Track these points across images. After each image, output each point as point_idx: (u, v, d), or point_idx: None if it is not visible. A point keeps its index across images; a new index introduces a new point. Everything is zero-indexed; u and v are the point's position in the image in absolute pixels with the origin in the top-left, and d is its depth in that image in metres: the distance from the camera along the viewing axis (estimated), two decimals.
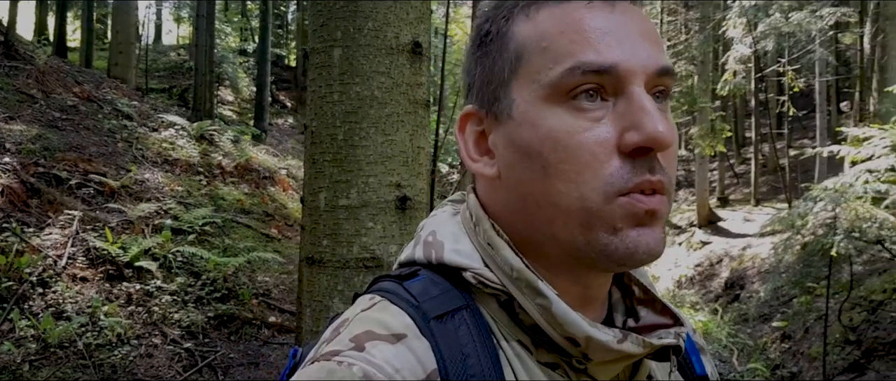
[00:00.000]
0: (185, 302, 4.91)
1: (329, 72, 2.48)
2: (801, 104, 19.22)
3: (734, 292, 13.47)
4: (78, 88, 7.98)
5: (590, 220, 0.65)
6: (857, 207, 6.86)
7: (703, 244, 16.19)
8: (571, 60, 0.64)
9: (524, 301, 0.67)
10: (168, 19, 33.60)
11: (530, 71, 0.67)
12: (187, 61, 23.43)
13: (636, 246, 0.65)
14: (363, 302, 0.70)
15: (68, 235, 5.01)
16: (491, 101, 0.72)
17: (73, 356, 4.09)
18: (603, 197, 0.64)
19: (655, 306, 0.78)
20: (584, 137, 0.64)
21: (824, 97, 16.70)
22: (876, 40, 11.91)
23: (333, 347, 0.63)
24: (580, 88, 0.64)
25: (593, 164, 0.64)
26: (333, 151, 2.45)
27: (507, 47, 0.70)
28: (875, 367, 7.94)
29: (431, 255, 0.73)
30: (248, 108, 21.44)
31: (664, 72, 0.67)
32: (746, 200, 19.02)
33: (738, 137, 24.16)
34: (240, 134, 10.32)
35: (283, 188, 8.30)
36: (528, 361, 0.68)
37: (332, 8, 2.47)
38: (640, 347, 0.67)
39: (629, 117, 0.64)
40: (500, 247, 0.69)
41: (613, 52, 0.64)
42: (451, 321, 0.66)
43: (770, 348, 10.34)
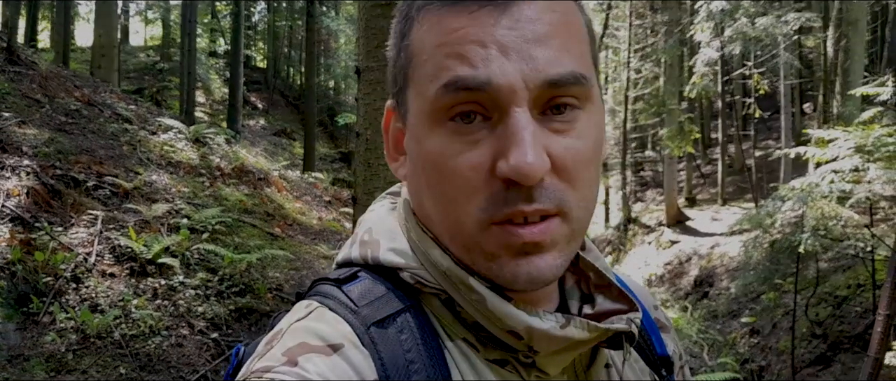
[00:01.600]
0: (206, 296, 5.16)
1: (382, 87, 2.83)
2: (766, 106, 19.60)
3: (703, 289, 13.54)
4: (78, 92, 8.12)
5: (467, 244, 0.63)
6: (823, 206, 6.88)
7: (672, 243, 16.30)
8: (444, 77, 0.60)
9: (460, 298, 0.65)
10: (135, 20, 33.19)
11: (417, 83, 0.64)
12: (158, 62, 23.27)
13: (515, 275, 0.61)
14: (299, 310, 0.67)
15: (93, 234, 5.23)
16: (398, 102, 0.69)
17: (111, 346, 4.34)
18: (476, 224, 0.61)
19: (611, 291, 0.73)
20: (458, 162, 0.60)
21: (789, 99, 16.82)
22: (839, 44, 12.06)
23: (265, 362, 0.59)
24: (456, 107, 0.60)
25: (466, 189, 0.61)
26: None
27: (402, 52, 0.67)
28: (841, 359, 8.09)
29: (368, 254, 0.70)
30: (220, 109, 21.27)
31: (557, 83, 0.60)
32: (713, 199, 19.16)
33: (705, 139, 24.30)
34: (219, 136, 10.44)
35: (277, 189, 8.51)
36: (475, 360, 0.66)
37: (386, 32, 2.77)
38: (585, 331, 0.64)
39: (502, 143, 0.59)
40: (427, 245, 0.66)
41: (490, 66, 0.59)
42: (393, 324, 0.63)
43: (739, 343, 10.48)
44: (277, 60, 30.11)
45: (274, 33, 29.91)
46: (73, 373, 4.07)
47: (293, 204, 8.31)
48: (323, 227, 8.15)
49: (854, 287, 8.70)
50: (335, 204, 10.22)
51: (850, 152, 6.94)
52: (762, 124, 21.65)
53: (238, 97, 16.27)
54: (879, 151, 6.74)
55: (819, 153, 7.34)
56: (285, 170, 10.54)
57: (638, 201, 22.40)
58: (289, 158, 16.91)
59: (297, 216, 7.77)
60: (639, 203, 22.09)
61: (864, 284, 8.39)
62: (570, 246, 0.64)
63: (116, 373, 4.18)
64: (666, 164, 18.15)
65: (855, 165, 6.81)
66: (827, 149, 7.18)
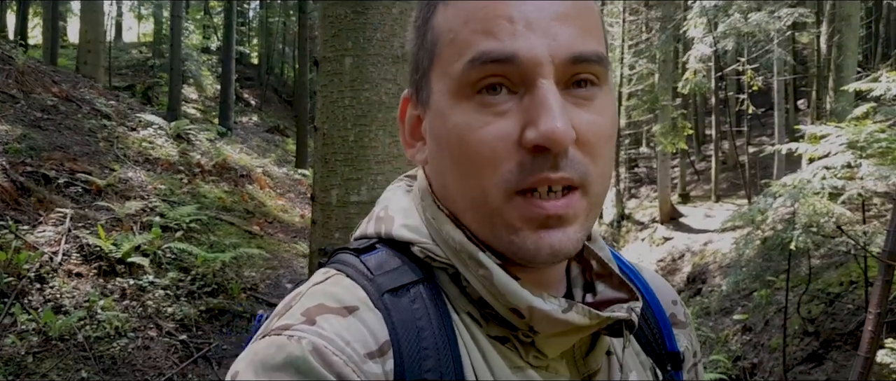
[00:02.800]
0: (177, 296, 5.03)
1: (340, 79, 2.68)
2: (759, 102, 19.59)
3: (696, 286, 13.59)
4: (56, 87, 7.99)
5: (491, 217, 0.65)
6: (814, 202, 6.87)
7: (665, 240, 16.33)
8: (472, 52, 0.62)
9: (468, 274, 0.67)
10: (128, 17, 33.15)
11: (442, 63, 0.66)
12: (150, 59, 23.18)
13: (538, 248, 0.64)
14: (318, 275, 0.71)
15: (61, 232, 5.10)
16: (418, 88, 0.72)
17: (74, 349, 4.21)
18: (502, 194, 0.63)
19: (613, 280, 0.76)
20: (485, 132, 0.63)
21: (782, 95, 16.92)
22: (832, 40, 12.09)
23: (284, 321, 0.63)
24: (483, 81, 0.63)
25: (493, 160, 0.63)
26: (345, 152, 2.65)
27: (426, 37, 0.69)
28: (833, 357, 8.08)
29: (382, 230, 0.73)
30: (212, 106, 21.22)
31: (580, 59, 0.63)
32: (707, 196, 19.20)
33: (699, 135, 24.41)
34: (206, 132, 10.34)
35: (260, 186, 8.39)
36: (478, 334, 0.68)
37: (344, 20, 2.66)
38: (586, 317, 0.66)
39: (530, 113, 0.62)
40: (441, 220, 0.69)
41: (517, 41, 0.62)
42: (406, 294, 0.66)
43: (732, 340, 10.48)
44: (270, 57, 30.07)
45: (267, 29, 29.90)
46: (32, 377, 3.94)
47: (275, 201, 8.19)
48: (305, 224, 8.02)
49: (846, 284, 8.72)
50: None
51: (842, 148, 6.94)
52: (756, 121, 21.67)
53: (230, 94, 16.27)
54: (872, 147, 6.73)
55: (811, 149, 7.32)
56: (271, 166, 10.41)
57: (632, 197, 22.34)
58: (281, 154, 16.82)
59: (279, 214, 7.65)
60: (633, 200, 22.03)
61: (857, 281, 8.39)
62: (589, 221, 0.67)
63: (78, 377, 4.05)
64: (660, 160, 18.19)
65: (847, 161, 6.79)
66: (819, 145, 7.16)
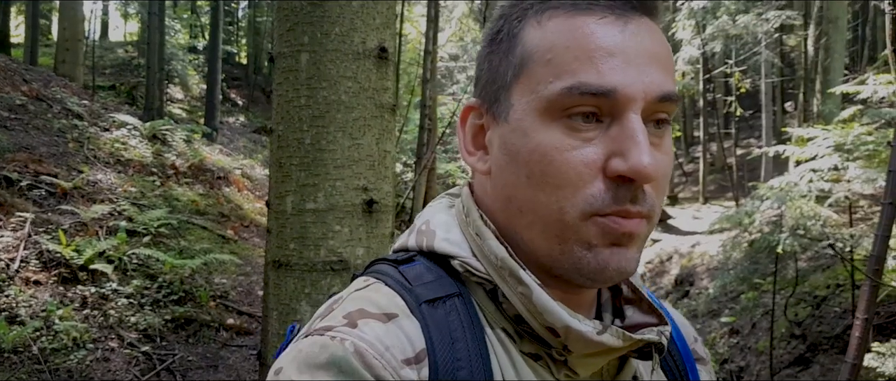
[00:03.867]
0: (141, 305, 4.83)
1: (296, 76, 2.49)
2: (747, 104, 19.62)
3: (684, 288, 13.60)
4: (26, 86, 7.77)
5: (565, 233, 0.66)
6: (801, 205, 6.90)
7: (653, 242, 16.35)
8: (571, 79, 0.64)
9: (507, 290, 0.69)
10: (115, 15, 32.91)
11: (531, 80, 0.67)
12: (136, 58, 22.96)
13: (607, 264, 0.66)
14: (358, 282, 0.73)
15: (20, 237, 4.89)
16: (492, 100, 0.72)
17: (28, 361, 4.00)
18: (580, 214, 0.65)
19: (642, 305, 0.78)
20: (572, 156, 0.64)
21: (770, 98, 17.00)
22: (819, 43, 12.17)
23: (327, 322, 0.65)
24: (577, 108, 0.64)
25: (577, 182, 0.64)
26: (300, 156, 2.46)
27: (513, 51, 0.70)
28: (819, 360, 8.07)
29: (423, 243, 0.75)
30: (198, 106, 21.04)
31: (666, 98, 0.66)
32: (695, 198, 19.29)
33: (687, 137, 24.56)
34: (190, 133, 10.15)
35: (238, 189, 8.19)
36: (512, 350, 0.69)
37: (300, 13, 2.48)
38: (619, 340, 0.67)
39: (619, 144, 0.63)
40: (486, 236, 0.71)
41: (615, 76, 0.63)
42: (442, 306, 0.68)
43: (719, 342, 10.48)
44: (259, 57, 29.90)
45: (255, 29, 29.75)
46: None
47: (253, 204, 7.99)
48: None
49: (833, 287, 8.76)
50: None
51: (829, 151, 6.98)
52: (744, 123, 21.73)
53: (216, 94, 16.15)
54: (859, 149, 6.77)
55: (799, 152, 7.35)
56: (253, 167, 10.22)
57: None
58: (267, 155, 16.62)
59: (256, 217, 7.45)
60: None
61: (844, 284, 8.41)
62: (643, 246, 0.69)
63: None
64: None
65: (834, 163, 6.82)
66: (806, 147, 7.18)
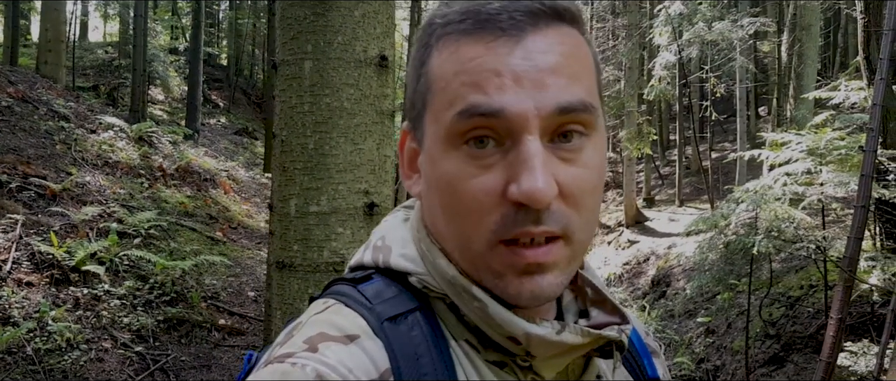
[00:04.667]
0: (134, 306, 4.89)
1: (300, 83, 2.59)
2: (722, 109, 19.85)
3: (661, 289, 13.67)
4: (11, 88, 7.76)
5: (476, 261, 0.67)
6: (776, 208, 6.96)
7: (630, 243, 16.45)
8: (461, 104, 0.63)
9: (463, 305, 0.69)
10: (94, 16, 32.60)
11: (433, 109, 0.67)
12: (116, 59, 22.79)
13: (519, 293, 0.65)
14: (317, 306, 0.71)
15: (11, 239, 4.92)
16: (415, 126, 0.73)
17: (22, 362, 4.05)
18: (485, 244, 0.65)
19: (606, 306, 0.78)
20: (471, 184, 0.64)
21: (744, 103, 17.11)
22: (793, 49, 12.29)
23: (287, 349, 0.63)
24: (471, 133, 0.64)
25: (479, 211, 0.64)
26: (304, 160, 2.56)
27: (421, 79, 0.70)
28: (793, 359, 8.17)
29: (379, 259, 0.74)
30: (179, 107, 20.94)
31: (566, 110, 0.64)
32: (671, 200, 19.38)
33: (663, 141, 24.64)
34: (173, 135, 10.15)
35: (224, 191, 8.23)
36: (477, 360, 0.69)
37: (303, 22, 2.58)
38: (579, 336, 0.68)
39: (513, 169, 0.63)
40: (435, 255, 0.70)
41: (504, 96, 0.62)
42: (404, 322, 0.67)
43: (695, 342, 10.56)
44: (240, 58, 29.78)
45: (236, 31, 29.62)
46: None
47: (240, 206, 8.04)
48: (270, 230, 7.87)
49: (807, 288, 8.85)
50: None
51: (802, 155, 7.04)
52: (718, 127, 21.95)
53: (197, 95, 16.05)
54: (831, 154, 6.85)
55: (773, 156, 7.42)
56: (238, 170, 10.24)
57: None
58: (249, 157, 16.63)
59: (244, 219, 7.50)
60: None
61: (817, 284, 8.52)
62: (571, 267, 0.68)
63: None
64: (625, 165, 18.38)
65: (807, 167, 6.89)
66: (780, 151, 7.26)
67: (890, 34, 4.77)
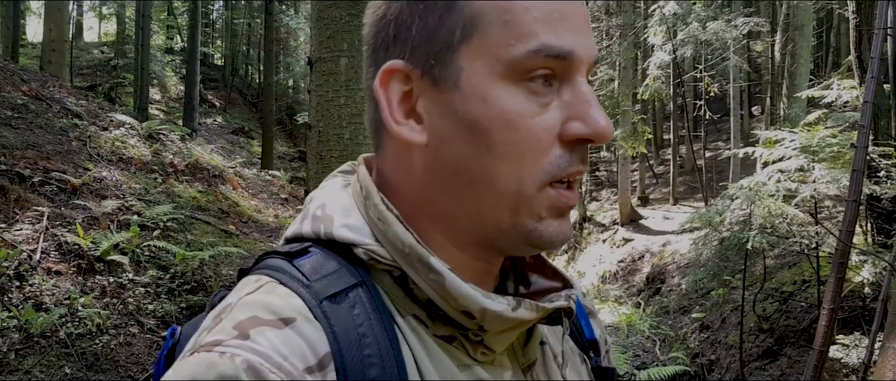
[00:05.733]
0: (157, 294, 5.08)
1: (336, 78, 2.82)
2: (716, 108, 19.98)
3: (655, 286, 13.74)
4: (25, 86, 7.92)
5: (519, 205, 0.65)
6: (769, 204, 6.93)
7: (625, 241, 16.51)
8: (536, 41, 0.63)
9: (416, 277, 0.65)
10: (89, 16, 32.57)
11: (487, 43, 0.64)
12: (113, 59, 22.86)
13: (555, 234, 0.67)
14: (248, 284, 0.65)
15: (39, 230, 5.10)
16: (430, 63, 0.66)
17: (56, 346, 4.24)
18: (538, 184, 0.65)
19: (546, 270, 0.78)
20: (534, 122, 0.63)
21: (738, 102, 17.14)
22: (786, 48, 12.32)
23: (215, 336, 0.58)
24: (538, 71, 0.63)
25: (538, 150, 0.64)
26: (340, 149, 2.78)
27: (457, 9, 0.65)
28: (787, 353, 8.26)
29: (320, 230, 0.69)
30: (176, 107, 21.01)
31: (597, 60, 0.68)
32: (665, 199, 19.45)
33: (658, 139, 24.70)
34: (179, 132, 10.29)
35: (233, 187, 8.41)
36: (424, 335, 0.67)
37: (339, 22, 2.80)
38: (533, 312, 0.67)
39: (575, 108, 0.64)
40: (390, 222, 0.66)
41: (571, 39, 0.64)
42: (345, 299, 0.63)
43: (690, 338, 10.66)
44: (235, 58, 29.86)
45: (232, 31, 29.68)
46: (15, 373, 3.97)
47: (249, 201, 8.22)
48: (279, 224, 8.08)
49: (799, 283, 8.91)
50: (292, 202, 10.17)
51: (795, 153, 7.09)
52: (712, 126, 22.09)
53: (194, 95, 16.07)
54: (824, 151, 6.90)
55: (766, 153, 7.49)
56: (242, 168, 10.41)
57: (593, 200, 22.66)
58: (246, 156, 16.72)
59: (253, 214, 7.69)
60: (594, 202, 22.35)
61: (809, 280, 8.60)
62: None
63: (61, 373, 4.08)
64: (620, 164, 18.45)
65: (800, 165, 6.96)
66: (774, 149, 7.33)
67: (880, 34, 4.91)
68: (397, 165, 0.71)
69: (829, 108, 8.59)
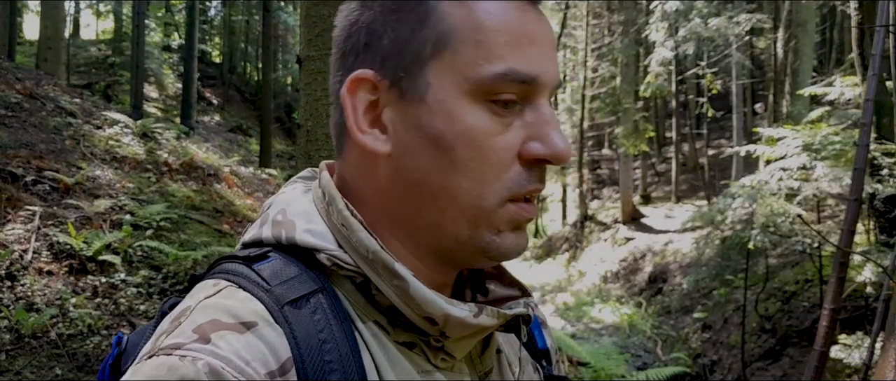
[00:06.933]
0: (149, 294, 5.02)
1: (324, 77, 2.75)
2: (718, 105, 19.96)
3: (657, 285, 13.78)
4: (19, 84, 7.87)
5: (479, 219, 0.67)
6: (772, 202, 6.97)
7: (627, 240, 16.56)
8: (504, 65, 0.64)
9: (380, 283, 0.66)
10: (86, 13, 32.60)
11: (457, 60, 0.65)
12: (110, 57, 22.85)
13: (512, 248, 0.69)
14: (206, 288, 0.65)
15: (31, 230, 5.05)
16: (398, 74, 0.67)
17: (46, 346, 4.18)
18: (498, 201, 0.67)
19: (503, 279, 0.80)
20: (496, 141, 0.65)
21: (740, 99, 17.20)
22: (788, 45, 12.33)
23: (174, 339, 0.57)
24: (503, 93, 0.65)
25: (498, 167, 0.66)
26: (329, 148, 2.72)
27: (428, 24, 0.66)
28: (789, 353, 8.28)
29: (281, 235, 0.69)
30: (173, 105, 21.00)
31: (558, 85, 0.70)
32: (667, 197, 19.50)
33: (660, 137, 24.75)
34: (175, 130, 10.25)
35: (228, 185, 8.36)
36: (385, 341, 0.67)
37: (327, 20, 2.73)
38: (494, 318, 0.68)
39: (537, 129, 0.67)
40: (355, 228, 0.67)
41: (537, 64, 0.66)
42: (306, 305, 0.63)
43: (692, 338, 10.68)
44: (233, 56, 29.87)
45: (230, 28, 29.67)
46: (6, 374, 3.91)
47: (244, 201, 8.16)
48: None
49: (802, 283, 8.92)
50: None
51: (798, 151, 7.08)
52: (715, 124, 22.10)
53: (192, 92, 16.02)
54: (826, 149, 6.88)
55: (769, 151, 7.47)
56: (238, 166, 10.36)
57: (594, 198, 22.65)
58: (244, 154, 16.68)
59: (248, 213, 7.63)
60: (595, 201, 22.34)
61: (812, 279, 8.60)
62: None
63: (52, 374, 4.02)
64: (622, 162, 18.48)
65: (803, 163, 6.94)
66: (776, 147, 7.31)
67: (882, 31, 4.88)
68: (359, 173, 0.71)
69: (831, 105, 8.55)
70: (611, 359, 6.22)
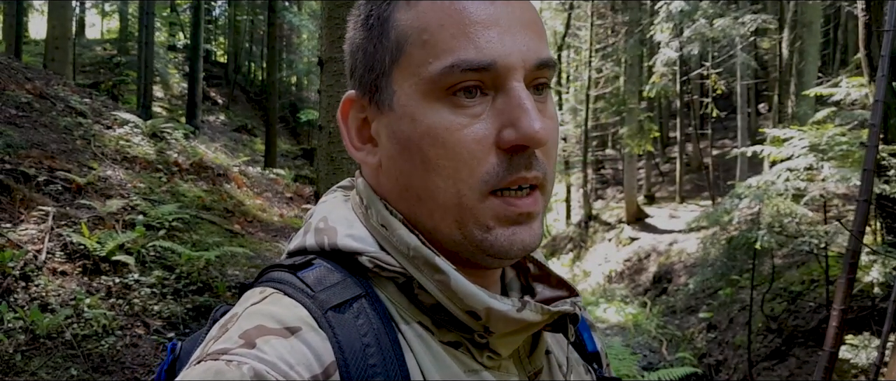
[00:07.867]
0: (163, 295, 5.04)
1: (346, 79, 2.77)
2: (722, 106, 19.97)
3: (662, 285, 13.77)
4: (29, 84, 7.90)
5: (463, 216, 0.66)
6: (778, 203, 6.94)
7: (631, 240, 16.53)
8: (451, 57, 0.64)
9: (423, 280, 0.66)
10: (90, 13, 32.61)
11: (411, 63, 0.66)
12: (115, 56, 22.86)
13: (510, 243, 0.67)
14: (253, 295, 0.67)
15: (44, 230, 5.07)
16: (372, 89, 0.70)
17: (61, 347, 4.21)
18: (478, 196, 0.65)
19: (551, 280, 0.79)
20: (463, 135, 0.64)
21: (745, 99, 17.23)
22: (794, 46, 12.34)
23: (221, 344, 0.59)
24: (459, 85, 0.64)
25: (471, 161, 0.64)
26: None
27: (387, 35, 0.68)
28: (795, 354, 8.25)
29: (324, 241, 0.70)
30: (178, 104, 21.02)
31: (543, 64, 0.67)
32: (671, 197, 19.49)
33: (664, 138, 24.72)
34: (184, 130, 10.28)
35: (237, 185, 8.38)
36: (430, 342, 0.67)
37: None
38: (538, 314, 0.67)
39: (507, 115, 0.64)
40: (395, 226, 0.68)
41: (494, 48, 0.64)
42: (349, 310, 0.64)
43: (697, 338, 10.67)
44: (238, 55, 29.83)
45: (235, 28, 29.63)
46: (21, 375, 3.94)
47: (254, 200, 8.18)
48: (284, 223, 8.05)
49: (808, 283, 8.89)
50: (297, 201, 10.14)
51: (804, 151, 7.07)
52: (719, 124, 22.08)
53: (197, 92, 16.01)
54: (833, 150, 6.87)
55: (775, 152, 7.46)
56: (246, 166, 10.38)
57: (599, 198, 22.65)
58: (249, 154, 16.70)
59: (258, 213, 7.65)
60: (599, 201, 22.34)
61: (818, 279, 8.58)
62: (543, 218, 0.70)
63: (67, 375, 4.05)
64: (626, 162, 18.45)
65: (809, 163, 6.93)
66: (782, 148, 7.30)
67: (891, 32, 4.88)
68: (374, 184, 0.74)
69: (837, 106, 8.53)
70: (622, 360, 6.23)
